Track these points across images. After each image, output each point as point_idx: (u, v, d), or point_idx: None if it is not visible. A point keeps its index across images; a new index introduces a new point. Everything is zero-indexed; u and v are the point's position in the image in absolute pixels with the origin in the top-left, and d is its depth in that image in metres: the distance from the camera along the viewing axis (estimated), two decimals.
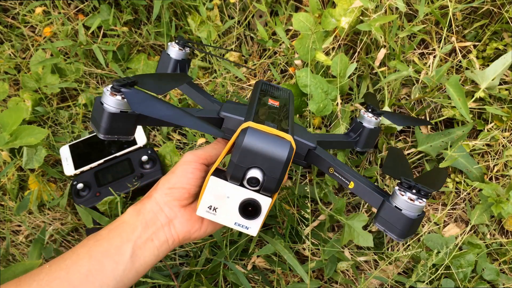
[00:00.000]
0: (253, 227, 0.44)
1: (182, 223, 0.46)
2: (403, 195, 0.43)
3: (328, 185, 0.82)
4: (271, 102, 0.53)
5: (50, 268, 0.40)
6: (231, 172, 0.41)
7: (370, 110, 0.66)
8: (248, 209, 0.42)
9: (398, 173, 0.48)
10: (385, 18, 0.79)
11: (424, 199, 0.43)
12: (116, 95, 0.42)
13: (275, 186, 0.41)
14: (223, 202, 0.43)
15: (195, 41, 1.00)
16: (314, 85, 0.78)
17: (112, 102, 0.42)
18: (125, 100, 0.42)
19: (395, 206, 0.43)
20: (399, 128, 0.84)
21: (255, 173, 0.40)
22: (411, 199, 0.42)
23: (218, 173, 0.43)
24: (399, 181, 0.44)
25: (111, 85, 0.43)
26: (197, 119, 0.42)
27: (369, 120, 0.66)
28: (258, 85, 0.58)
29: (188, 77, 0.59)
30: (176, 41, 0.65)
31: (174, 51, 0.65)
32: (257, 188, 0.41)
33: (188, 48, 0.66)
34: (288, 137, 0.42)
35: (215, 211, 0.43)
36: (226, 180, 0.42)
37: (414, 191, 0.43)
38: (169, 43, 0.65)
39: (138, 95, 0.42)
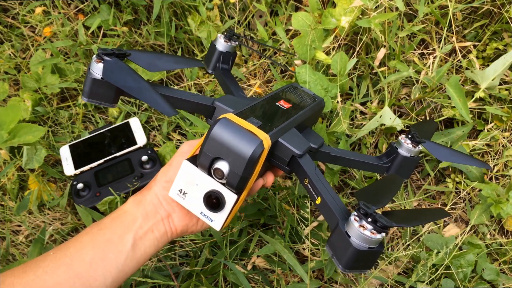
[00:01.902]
0: (217, 220, 0.43)
1: (180, 217, 0.47)
2: (356, 221, 0.38)
3: (329, 182, 0.82)
4: (281, 103, 0.52)
5: (55, 255, 0.41)
6: (199, 159, 0.41)
7: (410, 136, 0.59)
8: (212, 201, 0.42)
9: (368, 198, 0.42)
10: (385, 15, 0.79)
11: (382, 233, 0.37)
12: (100, 62, 0.44)
13: (237, 182, 0.40)
14: (192, 188, 0.43)
15: (245, 36, 1.00)
16: (314, 82, 0.78)
17: (95, 68, 0.45)
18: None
19: (345, 232, 0.38)
20: (399, 128, 0.84)
21: (221, 165, 0.40)
22: (363, 227, 0.37)
23: (193, 160, 0.43)
24: (358, 205, 0.39)
25: (99, 52, 0.45)
26: (158, 96, 0.43)
27: (406, 147, 0.58)
28: (284, 86, 0.58)
29: (197, 62, 0.61)
30: (225, 33, 0.67)
31: (220, 42, 0.65)
32: (222, 181, 0.41)
33: (234, 42, 0.66)
34: (262, 134, 0.40)
35: (185, 196, 0.44)
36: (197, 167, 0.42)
37: (369, 219, 0.37)
38: (218, 34, 0.66)
39: (115, 65, 0.44)
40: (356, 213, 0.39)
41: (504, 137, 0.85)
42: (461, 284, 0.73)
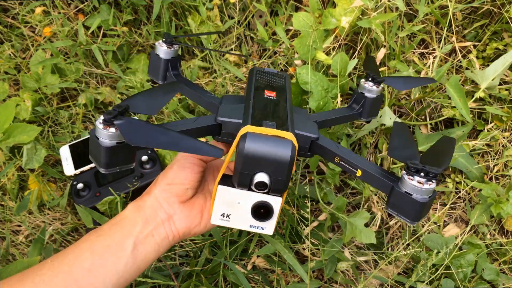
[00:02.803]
0: (268, 227, 0.44)
1: (182, 219, 0.46)
2: (411, 180, 0.42)
3: (330, 183, 0.82)
4: (267, 94, 0.52)
5: (53, 263, 0.41)
6: (238, 180, 0.41)
7: (370, 79, 0.63)
8: (260, 211, 0.43)
9: (404, 155, 0.46)
10: (385, 16, 0.79)
11: (434, 181, 0.42)
12: (109, 127, 0.41)
13: (283, 186, 0.41)
14: (235, 208, 0.43)
15: (185, 34, 0.99)
16: (315, 82, 0.78)
17: (106, 135, 0.41)
18: (119, 131, 0.41)
19: (405, 192, 0.42)
20: None
21: (261, 177, 0.40)
22: (420, 183, 0.41)
23: (225, 180, 0.43)
24: (406, 165, 0.44)
25: (103, 118, 0.41)
26: (195, 141, 0.41)
27: (370, 89, 0.62)
28: (252, 75, 0.57)
29: (177, 85, 0.58)
30: (163, 39, 0.63)
31: (162, 50, 0.62)
32: (266, 190, 0.41)
33: (176, 45, 0.64)
34: (289, 135, 0.41)
35: (229, 218, 0.44)
36: (234, 186, 0.42)
37: (422, 174, 0.42)
38: (156, 43, 0.63)
39: (131, 125, 0.41)
40: (406, 173, 0.43)
41: (504, 137, 0.85)
42: (461, 284, 0.73)
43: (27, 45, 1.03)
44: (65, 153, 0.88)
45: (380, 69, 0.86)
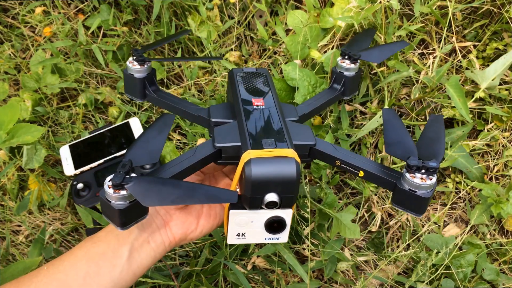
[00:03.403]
0: (282, 237, 0.46)
1: (178, 225, 0.46)
2: (414, 178, 0.43)
3: (328, 184, 0.82)
4: (255, 104, 0.51)
5: (48, 270, 0.41)
6: (249, 205, 0.42)
7: (346, 57, 0.62)
8: (274, 225, 0.44)
9: (401, 151, 0.47)
10: (368, 9, 0.78)
11: (434, 175, 0.43)
12: (119, 191, 0.40)
13: (292, 201, 0.42)
14: (248, 227, 0.44)
15: (151, 45, 0.87)
16: (301, 78, 0.79)
17: (118, 199, 0.40)
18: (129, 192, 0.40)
19: (409, 189, 0.43)
20: None
21: (271, 197, 0.41)
22: (422, 179, 0.43)
23: (237, 204, 0.43)
24: (406, 164, 0.45)
25: (111, 183, 0.40)
26: (208, 188, 0.41)
27: (348, 67, 0.62)
28: (234, 79, 0.56)
29: (167, 117, 0.55)
30: (134, 57, 0.59)
31: (135, 69, 0.59)
32: (276, 207, 0.42)
33: (148, 62, 0.60)
34: (291, 153, 0.42)
35: (244, 236, 0.45)
36: (245, 208, 0.43)
37: (423, 171, 0.43)
38: (127, 62, 0.60)
39: (142, 186, 0.40)
40: (407, 170, 0.44)
41: (504, 137, 0.85)
42: (461, 284, 0.73)
43: (27, 45, 1.03)
44: (65, 153, 0.88)
45: (380, 69, 0.86)
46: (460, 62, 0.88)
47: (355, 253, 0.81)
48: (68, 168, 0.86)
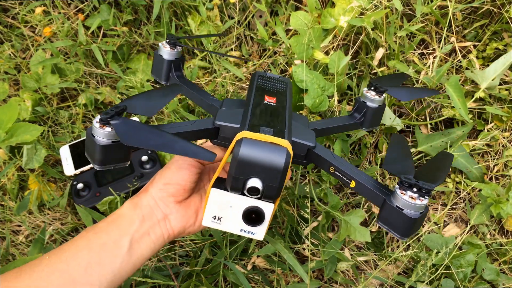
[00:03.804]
0: (258, 232, 0.45)
1: (177, 218, 0.47)
2: (403, 195, 0.41)
3: (325, 180, 0.82)
4: (267, 100, 0.52)
5: (50, 259, 0.41)
6: (231, 184, 0.41)
7: (372, 88, 0.63)
8: (252, 216, 0.43)
9: (398, 169, 0.46)
10: (378, 13, 0.79)
11: (426, 197, 0.41)
12: (105, 127, 0.42)
13: (275, 193, 0.41)
14: (226, 211, 0.43)
15: (187, 36, 0.99)
16: (310, 81, 0.79)
17: (102, 134, 0.42)
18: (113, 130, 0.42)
19: (396, 206, 0.42)
20: (399, 128, 0.84)
21: (254, 182, 0.40)
22: (412, 198, 0.41)
23: (219, 183, 0.43)
24: (399, 179, 0.43)
25: (99, 117, 0.42)
26: (189, 144, 0.41)
27: (372, 99, 0.62)
28: (254, 79, 0.57)
29: (177, 87, 0.58)
30: (167, 40, 0.64)
31: (165, 51, 0.63)
32: (258, 196, 0.42)
33: (180, 47, 0.64)
34: (284, 143, 0.41)
35: (220, 220, 0.44)
36: (227, 190, 0.42)
37: (415, 189, 0.41)
38: (160, 44, 0.64)
39: (127, 126, 0.41)
40: (399, 187, 0.42)
41: (504, 137, 0.85)
42: (461, 284, 0.73)
43: (27, 45, 1.03)
44: (65, 153, 0.88)
45: (380, 69, 0.86)
46: (460, 62, 0.88)
47: (355, 253, 0.81)
48: (68, 168, 0.86)
